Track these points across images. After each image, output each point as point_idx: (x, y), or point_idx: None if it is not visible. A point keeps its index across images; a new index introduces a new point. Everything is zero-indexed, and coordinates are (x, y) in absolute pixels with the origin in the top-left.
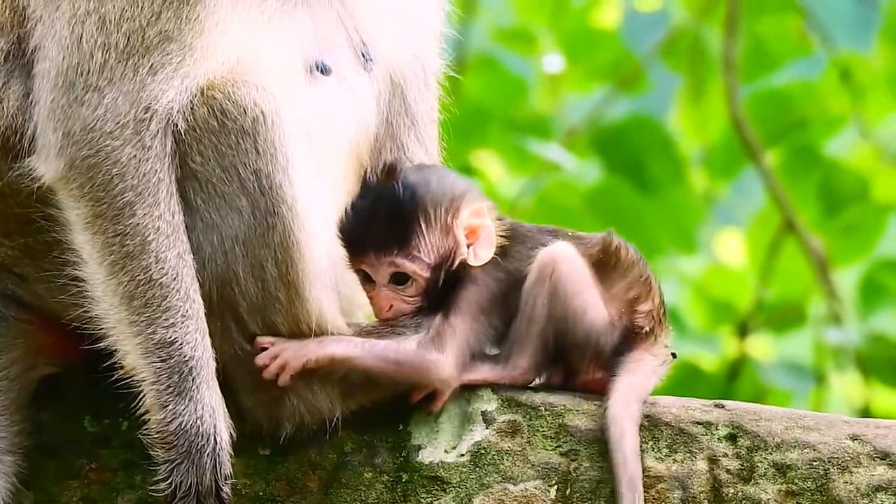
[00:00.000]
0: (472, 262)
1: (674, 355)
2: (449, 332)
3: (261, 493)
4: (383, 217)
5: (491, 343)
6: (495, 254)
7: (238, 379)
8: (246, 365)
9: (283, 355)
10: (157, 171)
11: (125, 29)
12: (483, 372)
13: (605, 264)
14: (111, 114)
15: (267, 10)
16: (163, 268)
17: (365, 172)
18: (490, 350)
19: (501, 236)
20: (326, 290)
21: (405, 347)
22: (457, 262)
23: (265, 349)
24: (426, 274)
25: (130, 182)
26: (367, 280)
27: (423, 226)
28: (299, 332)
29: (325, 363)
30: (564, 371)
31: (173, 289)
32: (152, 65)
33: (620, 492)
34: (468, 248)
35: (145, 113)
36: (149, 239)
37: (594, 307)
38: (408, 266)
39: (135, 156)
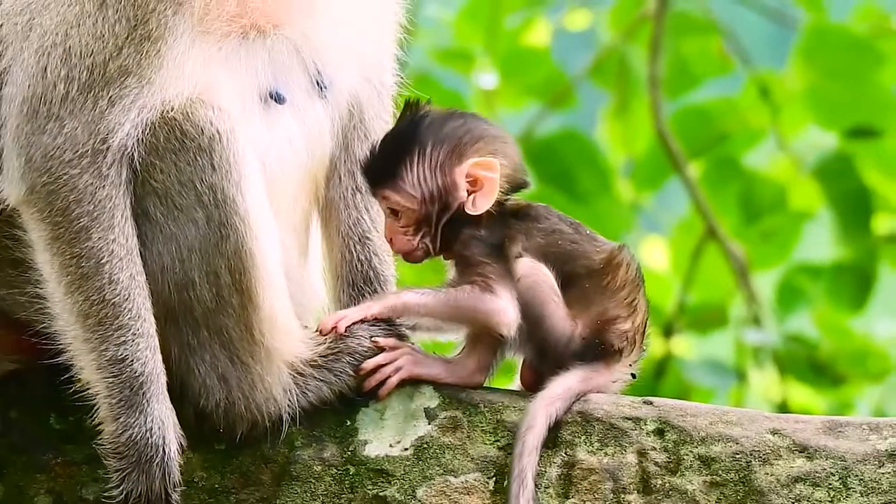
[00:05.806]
0: (469, 209)
1: (633, 376)
2: (489, 273)
3: (216, 486)
4: (382, 149)
5: None
6: (504, 214)
7: (192, 383)
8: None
9: (370, 311)
10: (112, 197)
11: (88, 63)
12: (434, 369)
13: (600, 276)
14: (70, 143)
15: (225, 46)
16: (115, 289)
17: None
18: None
19: (513, 204)
20: (281, 298)
21: (461, 294)
22: (454, 206)
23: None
24: (414, 206)
25: (87, 208)
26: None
27: (415, 159)
28: (252, 337)
29: (402, 310)
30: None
31: (125, 308)
32: (111, 97)
33: (510, 482)
34: (469, 195)
35: (103, 144)
36: (103, 261)
37: (552, 317)
38: (394, 198)
39: (91, 183)
